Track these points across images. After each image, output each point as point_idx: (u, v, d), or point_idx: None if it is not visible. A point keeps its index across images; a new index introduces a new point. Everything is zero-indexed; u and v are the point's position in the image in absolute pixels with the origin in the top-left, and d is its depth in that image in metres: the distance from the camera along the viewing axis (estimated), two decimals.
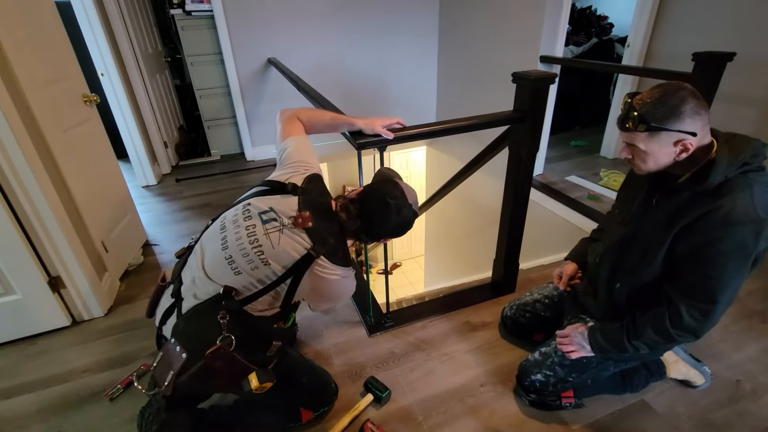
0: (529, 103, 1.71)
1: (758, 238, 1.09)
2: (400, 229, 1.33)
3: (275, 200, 1.29)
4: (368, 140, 1.52)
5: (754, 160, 1.12)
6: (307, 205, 1.28)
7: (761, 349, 1.86)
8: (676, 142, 1.10)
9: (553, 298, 1.76)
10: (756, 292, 2.19)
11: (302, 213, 1.25)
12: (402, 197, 1.29)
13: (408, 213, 1.30)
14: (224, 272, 1.23)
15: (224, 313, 1.19)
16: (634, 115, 1.10)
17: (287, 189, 1.31)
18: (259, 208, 1.27)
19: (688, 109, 1.06)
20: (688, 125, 1.08)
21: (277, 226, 1.24)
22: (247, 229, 1.25)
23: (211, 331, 1.18)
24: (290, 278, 1.22)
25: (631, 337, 1.31)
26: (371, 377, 1.70)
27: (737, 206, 1.09)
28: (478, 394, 1.68)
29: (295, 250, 1.22)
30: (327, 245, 1.25)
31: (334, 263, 1.26)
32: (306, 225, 1.24)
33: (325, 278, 1.25)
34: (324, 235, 1.27)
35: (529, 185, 1.97)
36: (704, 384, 1.67)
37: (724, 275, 1.14)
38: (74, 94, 2.23)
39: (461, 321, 2.07)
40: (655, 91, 1.10)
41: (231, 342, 1.18)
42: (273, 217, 1.25)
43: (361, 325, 2.05)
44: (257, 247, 1.22)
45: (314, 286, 1.25)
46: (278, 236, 1.23)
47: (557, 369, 1.52)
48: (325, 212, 1.32)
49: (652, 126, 1.09)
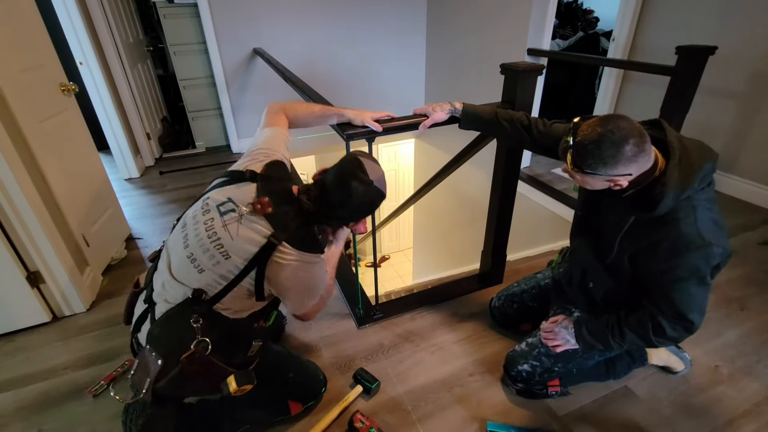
0: (516, 94, 1.71)
1: (708, 260, 1.13)
2: (362, 209, 1.25)
3: (233, 190, 1.24)
4: (357, 131, 1.51)
5: (702, 183, 1.13)
6: (266, 191, 1.22)
7: (739, 336, 1.91)
8: (609, 180, 1.12)
9: (540, 289, 1.77)
10: (734, 281, 2.24)
11: (261, 199, 1.19)
12: (363, 175, 1.20)
13: (371, 191, 1.21)
14: (189, 272, 1.19)
15: (197, 317, 1.16)
16: (572, 155, 1.11)
17: (246, 177, 1.26)
18: (217, 201, 1.22)
19: (624, 157, 1.06)
20: (621, 170, 1.09)
21: (235, 216, 1.19)
22: (205, 224, 1.20)
23: (186, 336, 1.16)
24: (254, 270, 1.16)
25: (616, 338, 1.34)
26: (360, 369, 1.70)
27: (683, 234, 1.13)
28: (466, 383, 1.70)
29: (255, 238, 1.16)
30: (288, 230, 1.19)
31: (298, 249, 1.19)
32: (265, 211, 1.18)
33: (287, 265, 1.17)
34: (285, 220, 1.20)
35: (516, 177, 1.98)
36: (684, 370, 1.71)
37: (688, 297, 1.19)
38: (51, 83, 2.16)
39: (449, 312, 2.08)
40: (597, 132, 1.07)
41: (207, 346, 1.16)
42: (231, 207, 1.20)
43: (350, 317, 2.05)
44: (216, 240, 1.17)
45: (280, 276, 1.18)
46: (236, 227, 1.17)
47: (543, 359, 1.55)
48: (286, 197, 1.26)
49: (585, 171, 1.11)
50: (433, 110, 1.56)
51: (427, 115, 1.57)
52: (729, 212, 2.89)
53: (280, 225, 1.19)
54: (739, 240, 2.59)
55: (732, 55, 2.84)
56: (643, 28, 3.44)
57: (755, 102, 2.88)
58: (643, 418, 1.55)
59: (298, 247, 1.19)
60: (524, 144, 1.57)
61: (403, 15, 4.41)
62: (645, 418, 1.55)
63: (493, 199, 2.06)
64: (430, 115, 1.56)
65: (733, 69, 2.91)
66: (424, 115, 1.57)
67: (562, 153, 1.15)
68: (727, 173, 3.12)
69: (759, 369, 1.74)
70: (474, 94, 3.94)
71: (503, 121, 1.53)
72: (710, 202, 1.16)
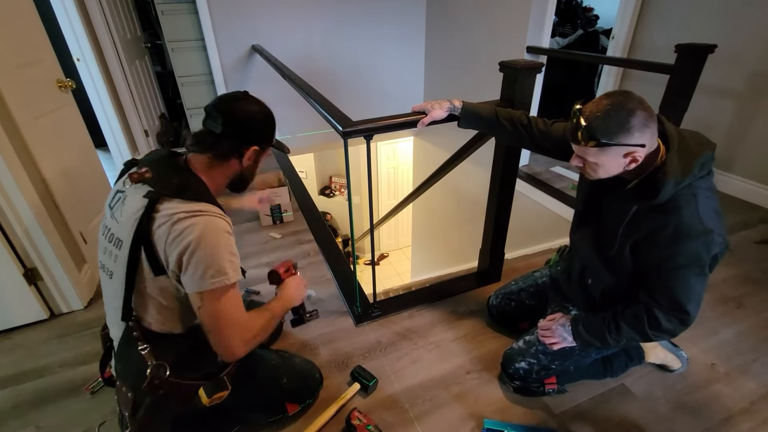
0: (515, 92, 1.71)
1: (709, 247, 1.14)
2: (247, 124, 1.20)
3: (118, 183, 1.21)
4: (354, 128, 1.52)
5: (702, 171, 1.14)
6: (145, 163, 1.17)
7: (735, 334, 1.92)
8: (626, 154, 1.11)
9: (538, 287, 1.78)
10: (731, 280, 2.25)
11: (138, 170, 1.12)
12: (248, 95, 1.21)
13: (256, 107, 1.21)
14: (107, 287, 1.15)
15: (142, 343, 1.12)
16: (583, 129, 1.10)
17: (127, 166, 1.23)
18: (107, 202, 1.19)
19: (637, 122, 1.06)
20: (636, 138, 1.08)
21: (120, 200, 1.13)
22: (102, 228, 1.18)
23: (142, 364, 1.12)
24: (142, 246, 1.05)
25: (612, 333, 1.35)
26: (358, 366, 1.70)
27: (684, 221, 1.13)
28: (463, 381, 1.70)
29: (136, 205, 1.07)
30: (170, 186, 1.09)
31: (183, 199, 1.07)
32: (143, 177, 1.10)
33: (173, 219, 1.04)
34: (168, 179, 1.11)
35: (514, 176, 1.98)
36: (681, 368, 1.71)
37: (686, 285, 1.19)
38: (47, 79, 2.16)
39: (447, 310, 2.08)
40: (603, 104, 1.08)
41: (164, 370, 1.12)
42: (118, 197, 1.15)
43: (347, 315, 2.05)
44: (108, 233, 1.13)
45: (168, 235, 1.04)
46: (121, 209, 1.11)
47: (541, 357, 1.55)
48: (167, 161, 1.20)
49: (601, 142, 1.09)
50: (432, 108, 1.55)
51: (425, 112, 1.56)
52: (727, 211, 2.83)
53: (160, 183, 1.10)
54: (737, 238, 2.59)
55: (731, 53, 2.85)
56: (643, 26, 3.45)
57: (754, 101, 2.89)
58: (640, 415, 1.56)
59: (183, 197, 1.08)
60: (523, 143, 1.57)
61: (402, 12, 4.40)
62: (642, 415, 1.56)
63: (492, 198, 2.06)
64: (429, 113, 1.55)
65: (732, 68, 2.92)
66: (422, 112, 1.57)
67: (572, 133, 1.13)
68: (726, 172, 3.13)
69: (755, 367, 1.75)
70: (473, 91, 3.93)
71: (503, 120, 1.53)
72: (710, 191, 1.17)
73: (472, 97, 1.66)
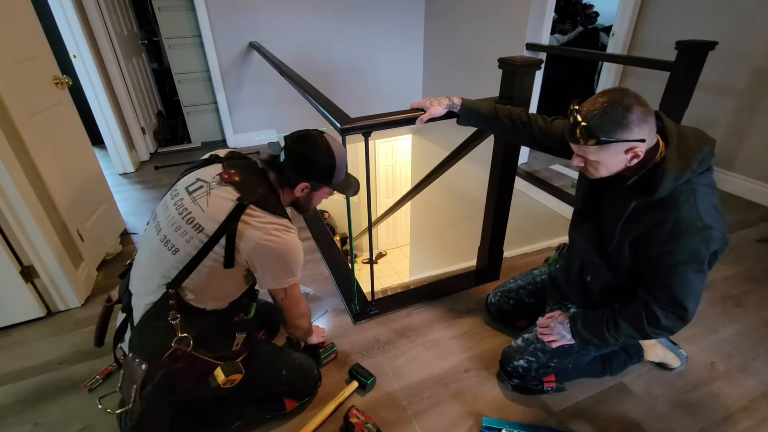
0: (514, 89, 1.72)
1: (708, 244, 1.14)
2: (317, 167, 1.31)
3: (199, 172, 1.30)
4: (353, 125, 1.53)
5: (701, 167, 1.15)
6: (232, 165, 1.30)
7: (735, 332, 1.93)
8: (627, 150, 1.11)
9: (537, 285, 1.79)
10: (731, 278, 2.26)
11: (228, 170, 1.26)
12: (319, 137, 1.31)
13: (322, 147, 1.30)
14: (163, 258, 1.21)
15: (174, 314, 1.18)
16: (582, 128, 1.10)
17: (210, 160, 1.35)
18: (185, 184, 1.28)
19: (635, 118, 1.06)
20: (636, 134, 1.08)
21: (204, 190, 1.24)
22: (175, 206, 1.24)
23: (166, 336, 1.18)
24: (224, 237, 1.18)
25: (611, 331, 1.35)
26: (356, 364, 1.71)
27: (683, 217, 1.14)
28: (462, 379, 1.71)
29: (225, 204, 1.20)
30: (256, 194, 1.24)
31: (267, 211, 1.23)
32: (232, 179, 1.24)
33: (259, 228, 1.19)
34: (253, 186, 1.26)
35: (513, 174, 1.98)
36: (680, 366, 1.72)
37: (685, 282, 1.20)
38: (44, 76, 2.16)
39: (446, 308, 2.08)
40: (600, 101, 1.09)
41: (188, 342, 1.18)
42: (199, 185, 1.25)
43: (346, 313, 2.05)
44: (187, 215, 1.21)
45: (252, 239, 1.19)
46: (206, 199, 1.22)
47: (539, 355, 1.56)
48: (252, 169, 1.34)
49: (601, 140, 1.09)
50: (431, 105, 1.55)
51: (424, 109, 1.56)
52: (727, 209, 2.86)
53: (247, 190, 1.24)
54: (737, 237, 2.60)
55: (732, 50, 2.85)
56: (643, 23, 3.46)
57: (755, 99, 2.90)
58: (639, 414, 1.57)
59: (268, 209, 1.23)
60: (523, 140, 1.58)
61: (401, 9, 4.41)
62: (641, 414, 1.57)
63: (491, 195, 2.06)
64: (428, 110, 1.55)
65: (733, 65, 2.92)
66: (421, 109, 1.57)
67: (571, 133, 1.14)
68: (726, 170, 3.14)
69: (755, 366, 1.76)
70: (472, 88, 3.94)
71: (502, 117, 1.53)
72: (710, 188, 1.17)
73: (471, 94, 1.66)
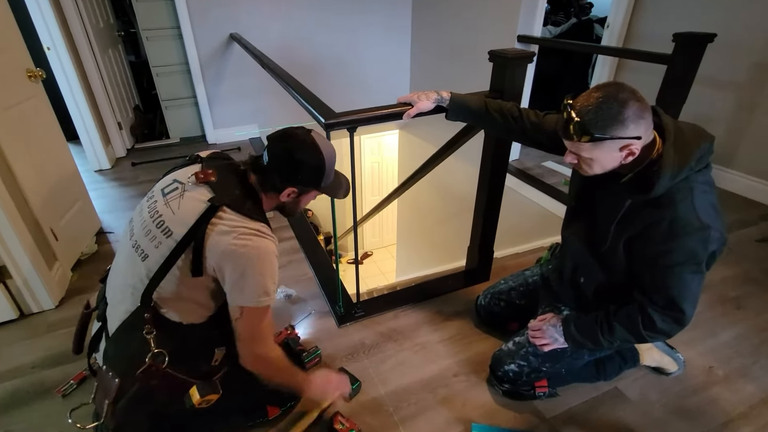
0: (505, 82, 1.70)
1: (706, 244, 1.14)
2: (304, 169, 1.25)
3: (178, 172, 1.27)
4: (338, 120, 1.51)
5: (699, 164, 1.14)
6: (211, 165, 1.26)
7: (734, 336, 1.92)
8: (622, 147, 1.11)
9: (528, 286, 1.78)
10: (730, 279, 2.25)
11: (204, 169, 1.22)
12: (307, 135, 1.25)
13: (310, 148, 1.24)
14: (134, 265, 1.18)
15: (149, 327, 1.16)
16: (576, 124, 1.09)
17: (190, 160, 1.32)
18: (162, 185, 1.26)
19: (631, 113, 1.06)
20: (632, 131, 1.07)
21: (179, 191, 1.20)
22: (149, 209, 1.22)
23: (141, 350, 1.16)
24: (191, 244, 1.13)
25: (605, 334, 1.34)
26: (341, 369, 1.70)
27: (679, 216, 1.14)
28: (450, 384, 1.70)
29: (196, 206, 1.16)
30: (231, 195, 1.20)
31: (242, 214, 1.17)
32: (208, 179, 1.20)
33: (230, 232, 1.13)
34: (229, 187, 1.22)
35: (504, 171, 1.97)
36: (677, 371, 1.71)
37: (682, 283, 1.19)
38: (16, 69, 2.11)
39: (434, 310, 2.07)
40: (594, 96, 1.08)
41: (163, 358, 1.16)
42: (175, 186, 1.22)
43: (330, 316, 2.04)
44: (158, 218, 1.19)
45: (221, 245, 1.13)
46: (178, 201, 1.18)
47: (531, 359, 1.55)
48: (232, 170, 1.29)
49: (595, 137, 1.08)
50: (419, 99, 1.54)
51: (412, 104, 1.55)
52: (726, 208, 2.85)
53: (222, 190, 1.19)
54: (736, 237, 2.59)
55: (732, 43, 2.82)
56: (639, 14, 3.45)
57: (755, 93, 2.88)
58: (634, 420, 1.56)
59: (243, 212, 1.18)
60: (514, 136, 1.57)
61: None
62: (636, 420, 1.56)
63: (480, 193, 2.05)
64: (415, 104, 1.54)
65: (733, 58, 2.90)
66: (408, 104, 1.56)
67: (564, 129, 1.13)
68: (725, 167, 3.12)
69: (755, 370, 1.75)
70: (461, 82, 3.92)
71: (493, 111, 1.52)
72: (708, 186, 1.17)
73: (460, 88, 1.64)
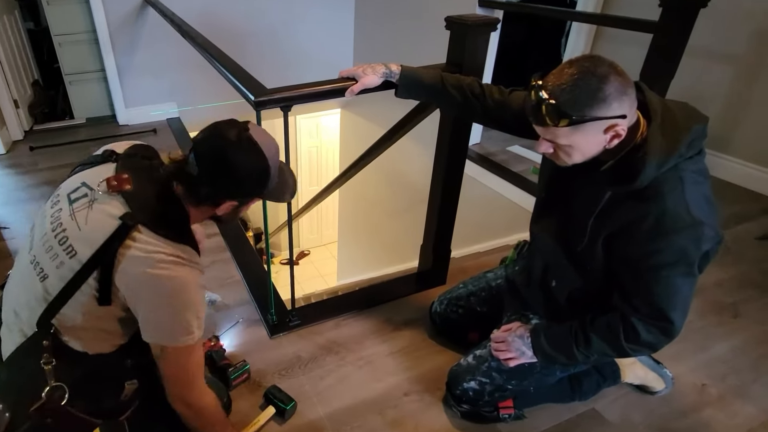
0: (465, 54, 1.66)
1: (698, 242, 1.09)
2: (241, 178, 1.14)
3: (88, 174, 1.17)
4: (270, 98, 1.45)
5: (691, 149, 1.08)
6: (127, 167, 1.16)
7: (731, 349, 1.85)
8: (607, 129, 1.04)
9: (491, 291, 1.73)
10: (726, 283, 2.17)
11: (118, 174, 1.12)
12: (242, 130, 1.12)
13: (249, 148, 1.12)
14: (33, 284, 1.10)
15: (48, 357, 1.06)
16: (549, 106, 1.02)
17: (104, 157, 1.21)
18: (69, 189, 1.15)
19: (613, 90, 0.99)
20: (616, 109, 1.01)
21: (87, 200, 1.11)
22: (52, 218, 1.12)
23: (37, 381, 1.07)
24: (98, 268, 1.05)
25: (580, 347, 1.29)
26: (273, 386, 1.64)
27: (668, 211, 1.08)
28: (400, 404, 1.65)
29: (106, 223, 1.06)
30: (150, 212, 1.10)
31: (162, 236, 1.07)
32: (121, 188, 1.09)
33: (145, 258, 1.04)
34: (147, 200, 1.12)
35: (463, 157, 1.95)
36: (665, 389, 1.66)
37: (671, 289, 1.15)
38: None
39: (381, 319, 2.02)
40: (568, 73, 1.01)
41: (62, 394, 1.07)
42: (83, 192, 1.13)
43: (260, 325, 1.98)
44: (61, 233, 1.09)
45: (133, 273, 1.05)
46: (86, 213, 1.09)
47: (494, 375, 1.49)
48: (152, 175, 1.19)
49: (574, 119, 1.01)
50: (364, 73, 1.48)
51: (356, 78, 1.49)
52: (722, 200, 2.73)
53: (139, 205, 1.10)
54: (733, 234, 2.50)
55: (729, 7, 2.69)
56: None
57: (755, 66, 2.74)
58: None
59: (162, 233, 1.08)
60: (475, 116, 1.54)
61: None
62: None
63: (436, 183, 2.02)
64: (360, 79, 1.48)
65: (729, 25, 2.78)
66: (352, 78, 1.50)
67: (535, 114, 1.05)
68: (720, 153, 2.98)
69: (755, 389, 1.69)
70: (413, 54, 3.82)
71: (450, 87, 1.47)
72: (701, 175, 1.12)
73: (412, 61, 1.58)
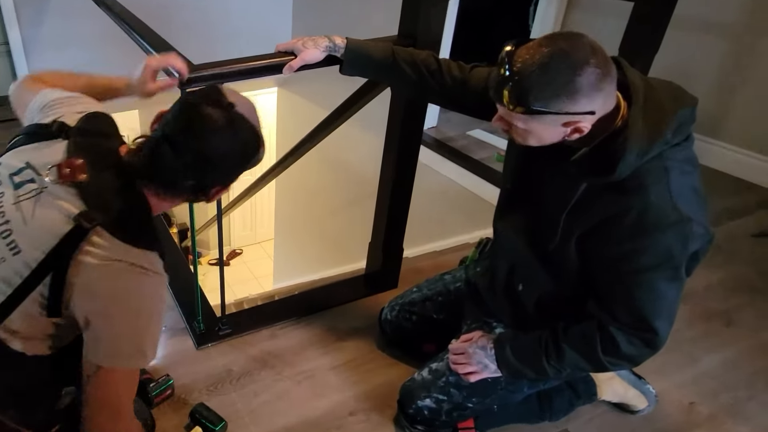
0: (419, 24, 1.61)
1: (686, 241, 1.05)
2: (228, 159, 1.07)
3: (32, 151, 1.10)
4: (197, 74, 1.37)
5: (677, 135, 1.04)
6: (81, 149, 1.06)
7: (722, 362, 1.78)
8: (566, 123, 1.00)
9: (449, 296, 1.67)
10: (717, 287, 2.13)
11: (70, 160, 1.03)
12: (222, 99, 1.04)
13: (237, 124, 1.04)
14: None
15: None
16: (510, 87, 0.98)
17: (52, 131, 1.11)
18: (11, 169, 1.08)
19: (585, 83, 0.94)
20: (583, 105, 0.96)
21: (34, 188, 1.04)
22: None
23: None
24: (50, 274, 0.99)
25: (551, 359, 1.25)
26: (200, 404, 1.59)
27: (651, 205, 1.04)
28: (345, 425, 1.60)
29: (56, 222, 1.00)
30: (108, 211, 1.02)
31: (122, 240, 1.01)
32: (76, 178, 1.01)
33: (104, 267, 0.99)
34: (105, 194, 1.04)
35: (417, 142, 1.90)
36: (647, 408, 1.60)
37: (654, 294, 1.11)
38: None
39: (324, 327, 1.96)
40: (542, 52, 0.96)
41: None
42: (30, 177, 1.06)
43: (185, 334, 1.91)
44: (3, 225, 1.04)
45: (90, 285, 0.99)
46: (33, 205, 1.03)
47: (452, 392, 1.44)
48: (110, 159, 1.09)
49: (532, 109, 0.97)
50: (304, 47, 1.43)
51: (295, 53, 1.44)
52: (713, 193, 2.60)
53: (96, 201, 1.03)
54: (725, 230, 2.43)
55: None
56: None
57: (751, 38, 2.66)
58: None
59: (123, 237, 1.02)
60: (431, 95, 1.52)
61: None
62: None
63: (386, 172, 1.96)
64: (300, 54, 1.43)
65: None
66: (291, 53, 1.45)
67: (496, 89, 1.01)
68: (711, 138, 2.89)
69: (750, 408, 1.62)
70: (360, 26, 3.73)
71: (403, 63, 1.42)
72: (689, 164, 1.07)
73: (359, 34, 1.53)
